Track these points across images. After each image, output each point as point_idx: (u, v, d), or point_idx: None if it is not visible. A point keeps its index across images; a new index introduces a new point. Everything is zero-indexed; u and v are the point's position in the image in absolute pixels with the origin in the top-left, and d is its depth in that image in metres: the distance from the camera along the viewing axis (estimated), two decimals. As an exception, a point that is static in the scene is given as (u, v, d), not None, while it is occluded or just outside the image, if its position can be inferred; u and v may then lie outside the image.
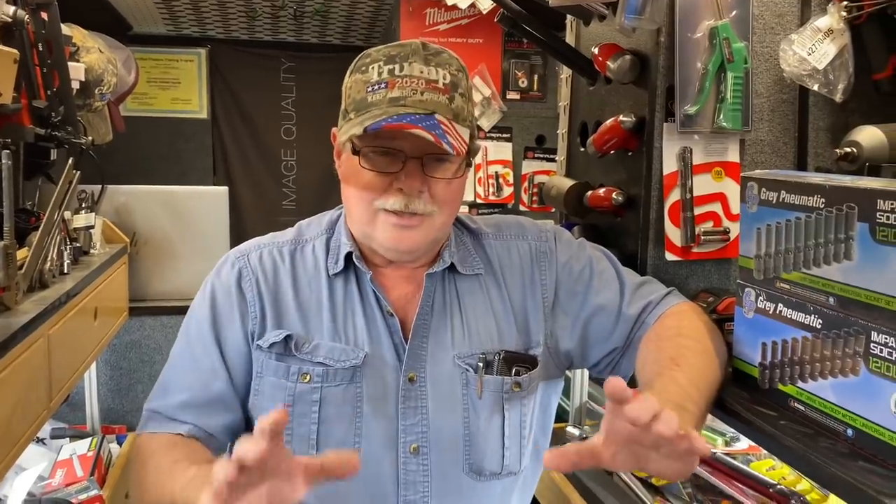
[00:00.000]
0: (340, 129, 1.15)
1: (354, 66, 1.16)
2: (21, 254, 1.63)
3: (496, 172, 3.69)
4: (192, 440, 1.16)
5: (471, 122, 1.15)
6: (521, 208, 3.75)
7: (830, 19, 1.28)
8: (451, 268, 1.22)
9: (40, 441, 2.56)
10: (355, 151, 1.11)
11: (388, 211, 1.11)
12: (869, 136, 1.17)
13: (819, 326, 0.96)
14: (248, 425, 1.22)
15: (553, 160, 3.47)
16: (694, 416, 0.97)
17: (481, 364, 1.17)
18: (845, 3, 1.27)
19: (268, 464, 0.81)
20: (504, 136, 3.68)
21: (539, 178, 3.68)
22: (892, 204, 0.84)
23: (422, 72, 1.10)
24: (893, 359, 0.85)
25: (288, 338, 1.16)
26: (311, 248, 1.24)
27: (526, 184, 3.74)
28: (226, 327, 1.19)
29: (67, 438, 2.63)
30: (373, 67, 1.12)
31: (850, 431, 0.92)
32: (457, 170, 1.14)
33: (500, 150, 3.68)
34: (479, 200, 3.68)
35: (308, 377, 1.15)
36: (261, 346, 1.17)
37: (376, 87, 1.10)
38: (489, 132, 3.64)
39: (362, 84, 1.12)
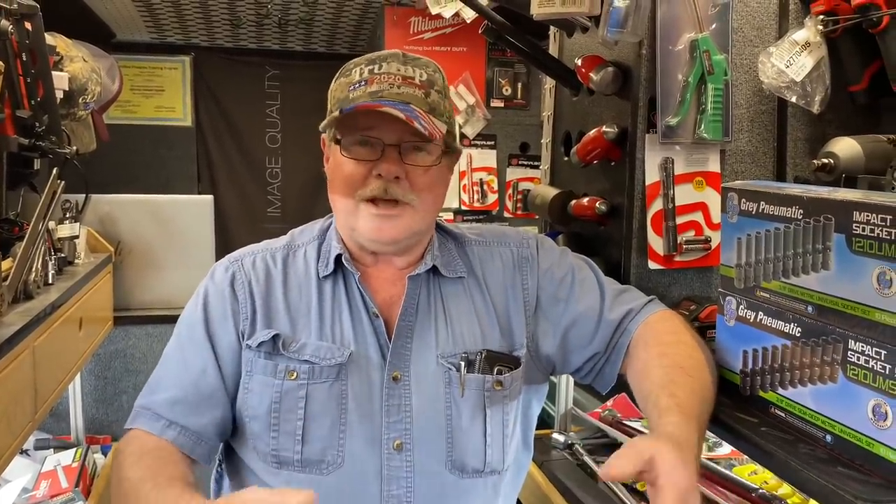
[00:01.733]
0: (325, 126, 1.20)
1: (339, 73, 1.23)
2: (5, 265, 1.63)
3: (481, 179, 3.71)
4: (172, 449, 1.17)
5: (448, 118, 1.21)
6: (506, 215, 3.77)
7: (807, 33, 1.31)
8: (436, 271, 1.25)
9: (24, 452, 2.54)
10: (336, 142, 1.17)
11: (368, 201, 1.16)
12: (845, 147, 1.20)
13: (798, 334, 0.98)
14: (233, 424, 1.24)
15: (537, 167, 3.50)
16: (703, 431, 1.03)
17: (464, 363, 1.21)
18: (822, 17, 1.29)
19: None
20: (488, 143, 3.70)
21: (523, 185, 3.71)
22: (867, 216, 0.86)
23: (399, 69, 1.18)
24: (870, 366, 0.87)
25: (276, 337, 1.19)
26: (302, 252, 1.28)
27: (510, 191, 3.76)
28: (218, 327, 1.22)
29: (52, 449, 2.61)
30: (355, 70, 1.20)
31: (828, 437, 0.94)
32: (435, 159, 1.18)
33: (485, 158, 3.70)
34: (463, 207, 3.70)
35: (294, 374, 1.18)
36: (250, 345, 1.20)
37: (357, 85, 1.17)
38: (473, 140, 3.66)
39: (345, 85, 1.19)
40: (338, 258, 1.23)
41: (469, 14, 3.14)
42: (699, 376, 1.08)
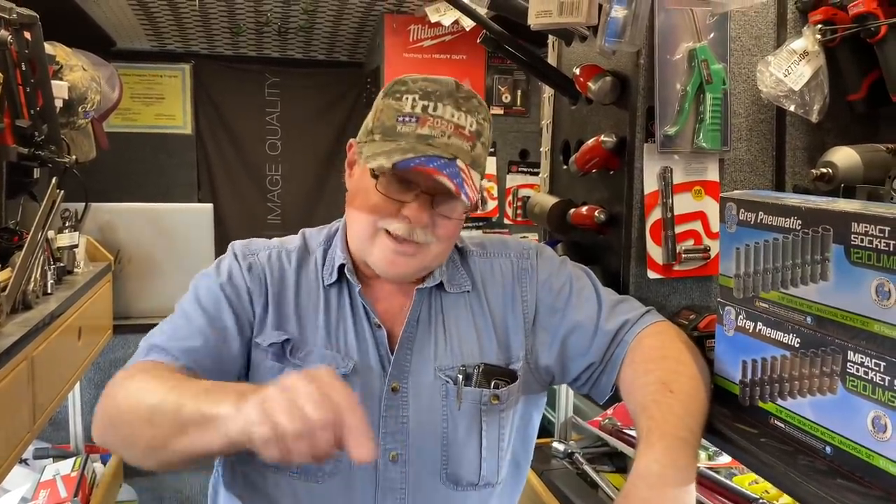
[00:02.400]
0: (364, 149, 1.17)
1: (389, 89, 1.20)
2: (4, 275, 1.63)
3: (481, 186, 3.70)
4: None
5: (483, 170, 1.21)
6: (506, 222, 3.77)
7: (806, 42, 1.31)
8: (440, 285, 1.25)
9: (23, 462, 2.53)
10: (374, 175, 1.14)
11: (389, 234, 1.15)
12: (844, 156, 1.20)
13: (797, 345, 0.98)
14: None
15: (537, 174, 3.50)
16: (692, 447, 1.01)
17: (461, 376, 1.21)
18: (820, 26, 1.30)
19: None
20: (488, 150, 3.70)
21: (523, 192, 3.71)
22: (866, 227, 0.86)
23: (452, 115, 1.15)
24: (870, 378, 0.87)
25: (286, 342, 1.19)
26: (313, 258, 1.27)
27: (510, 197, 3.76)
28: (239, 296, 1.20)
29: (51, 459, 2.61)
30: (407, 98, 1.16)
31: (828, 449, 0.93)
32: (463, 212, 1.19)
33: (485, 165, 3.70)
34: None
35: None
36: (259, 343, 1.19)
37: (407, 119, 1.14)
38: (473, 147, 3.66)
39: (393, 111, 1.16)
40: (341, 267, 1.23)
41: (468, 22, 3.15)
42: (682, 391, 1.07)
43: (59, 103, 2.21)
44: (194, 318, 1.17)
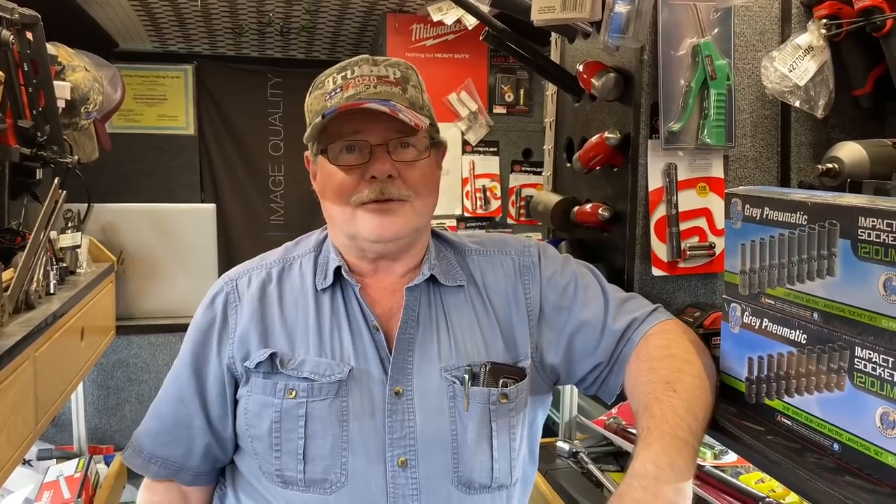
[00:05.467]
0: (307, 137, 1.20)
1: (311, 87, 1.24)
2: (6, 275, 1.62)
3: (483, 186, 3.70)
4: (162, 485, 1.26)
5: (429, 111, 1.22)
6: (509, 221, 3.76)
7: (810, 37, 1.30)
8: (435, 281, 1.23)
9: (27, 463, 2.53)
10: (323, 153, 1.17)
11: (365, 203, 1.15)
12: (850, 151, 1.19)
13: (804, 342, 0.97)
14: (237, 444, 1.24)
15: (540, 173, 3.50)
16: (691, 447, 1.00)
17: (467, 376, 1.18)
18: (825, 20, 1.29)
19: None
20: (491, 149, 3.70)
21: (526, 192, 3.70)
22: (873, 221, 0.85)
23: (372, 70, 1.18)
24: (877, 374, 0.86)
25: (273, 355, 1.18)
26: (298, 265, 1.27)
27: (513, 197, 3.75)
28: (204, 354, 1.24)
29: (54, 460, 2.61)
30: (327, 80, 1.20)
31: (836, 446, 0.93)
32: (423, 151, 1.19)
33: (488, 164, 3.70)
34: (466, 214, 3.69)
35: (294, 392, 1.16)
36: (248, 367, 1.19)
37: (332, 93, 1.18)
38: (476, 146, 3.66)
39: (321, 97, 1.20)
40: (337, 270, 1.22)
41: (471, 21, 3.15)
42: (685, 390, 1.06)
43: (61, 104, 2.21)
44: (159, 400, 1.28)
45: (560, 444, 2.31)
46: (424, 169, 1.19)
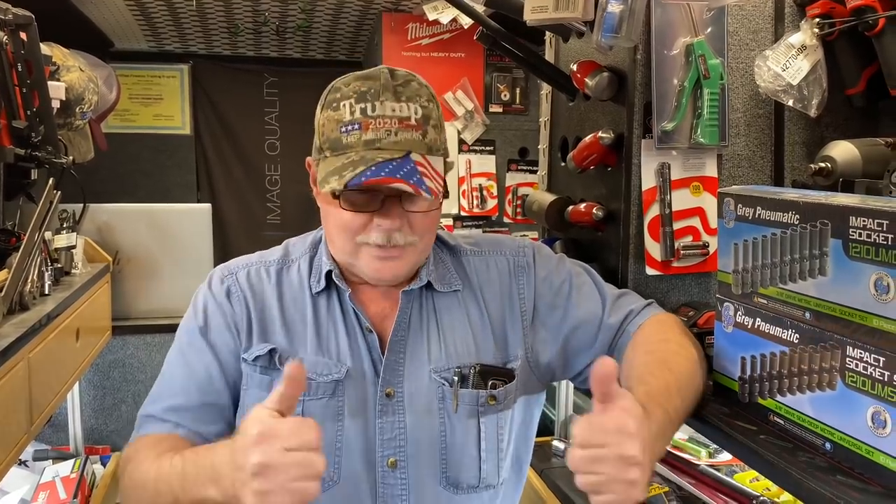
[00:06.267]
0: (318, 169, 1.15)
1: (325, 100, 1.17)
2: (1, 276, 1.62)
3: (480, 185, 3.69)
4: (181, 439, 1.15)
5: (444, 149, 1.17)
6: (506, 220, 3.75)
7: (803, 36, 1.30)
8: (429, 285, 1.23)
9: (22, 463, 2.53)
10: (335, 196, 1.12)
11: (370, 245, 1.13)
12: (842, 150, 1.19)
13: (796, 341, 0.97)
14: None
15: (536, 172, 3.50)
16: (675, 427, 1.02)
17: (457, 378, 1.19)
18: (817, 20, 1.29)
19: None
20: (487, 148, 3.69)
21: (523, 191, 3.69)
22: (864, 221, 0.85)
23: (394, 110, 1.10)
24: (869, 373, 0.86)
25: (272, 351, 1.18)
26: (296, 267, 1.26)
27: (510, 196, 3.75)
28: (219, 335, 1.21)
29: (50, 460, 2.60)
30: (344, 105, 1.12)
31: (828, 445, 0.93)
32: (433, 202, 1.15)
33: (484, 163, 3.69)
34: (463, 213, 3.68)
35: None
36: (246, 359, 1.19)
37: (349, 127, 1.11)
38: (472, 145, 3.66)
39: (335, 123, 1.12)
40: (328, 274, 1.22)
41: (466, 20, 3.14)
42: (678, 370, 1.08)
43: (56, 104, 2.21)
44: (176, 376, 1.21)
45: (555, 442, 2.32)
46: (431, 215, 1.16)
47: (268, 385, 1.17)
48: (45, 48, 2.16)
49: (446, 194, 1.18)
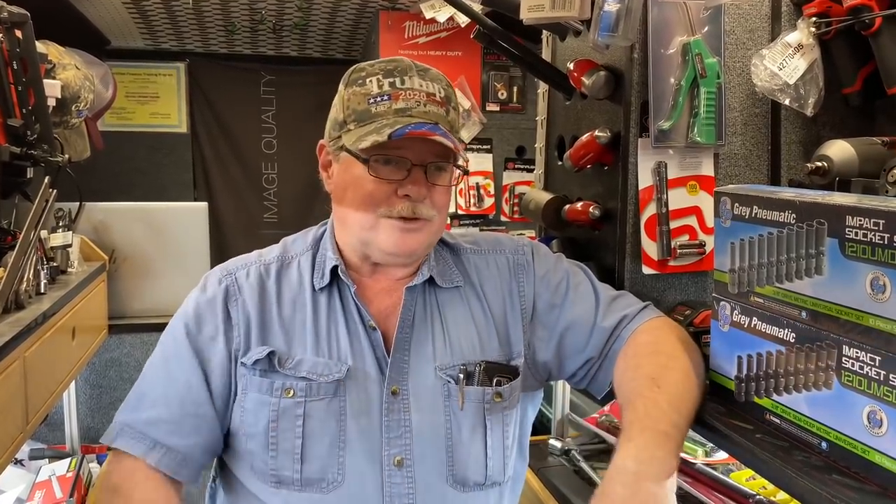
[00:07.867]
0: (344, 139, 1.17)
1: (349, 79, 1.19)
2: (-4, 275, 1.61)
3: (477, 184, 3.69)
4: (157, 476, 1.15)
5: (459, 133, 1.21)
6: (503, 219, 3.75)
7: (800, 35, 1.30)
8: (431, 281, 1.23)
9: (18, 462, 2.52)
10: (364, 160, 1.14)
11: (392, 217, 1.15)
12: (839, 150, 1.19)
13: (792, 340, 0.97)
14: (228, 442, 1.22)
15: (533, 171, 3.50)
16: (674, 441, 1.01)
17: (462, 375, 1.19)
18: (814, 19, 1.29)
19: None
20: (484, 147, 3.69)
21: (520, 189, 3.69)
22: (860, 220, 0.85)
23: (421, 85, 1.16)
24: (865, 373, 0.86)
25: (271, 354, 1.17)
26: (296, 264, 1.26)
27: (507, 194, 3.74)
28: (207, 343, 1.20)
29: (46, 459, 2.60)
30: (371, 80, 1.16)
31: (823, 444, 0.93)
32: (454, 178, 1.20)
33: (481, 162, 3.69)
34: (460, 212, 3.68)
35: (291, 392, 1.15)
36: (245, 363, 1.18)
37: (379, 98, 1.15)
38: (469, 144, 3.65)
39: (362, 96, 1.16)
40: (333, 269, 1.22)
41: (463, 18, 3.14)
42: (669, 385, 1.07)
43: (51, 102, 2.19)
44: (157, 384, 1.20)
45: (552, 441, 2.32)
46: (449, 192, 1.20)
47: (268, 388, 1.16)
48: (40, 46, 2.14)
49: (466, 172, 1.21)
